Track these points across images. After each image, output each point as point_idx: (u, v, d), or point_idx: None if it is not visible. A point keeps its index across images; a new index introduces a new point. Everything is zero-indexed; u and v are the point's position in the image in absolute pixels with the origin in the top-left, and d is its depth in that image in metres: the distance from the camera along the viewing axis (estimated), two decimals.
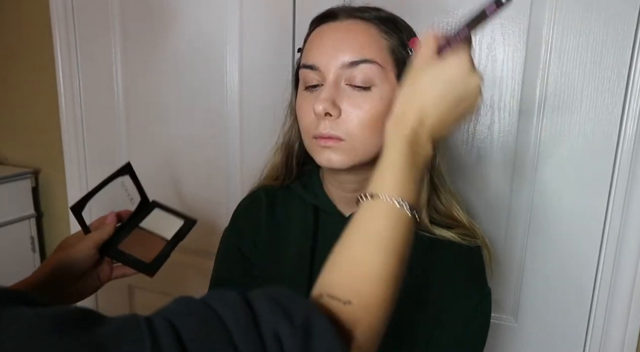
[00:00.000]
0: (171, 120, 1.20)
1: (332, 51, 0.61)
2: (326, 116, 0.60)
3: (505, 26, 0.88)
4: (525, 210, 0.94)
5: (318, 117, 0.61)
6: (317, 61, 0.62)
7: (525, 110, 0.90)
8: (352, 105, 0.61)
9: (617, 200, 0.88)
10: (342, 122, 0.61)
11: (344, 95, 0.61)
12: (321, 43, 0.63)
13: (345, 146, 0.61)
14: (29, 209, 1.44)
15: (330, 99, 0.60)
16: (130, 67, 1.23)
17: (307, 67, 0.63)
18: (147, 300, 1.34)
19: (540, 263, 0.94)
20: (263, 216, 0.74)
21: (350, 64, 0.60)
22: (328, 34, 0.63)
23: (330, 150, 0.62)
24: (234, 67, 1.11)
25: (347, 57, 0.60)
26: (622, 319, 0.91)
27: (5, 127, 1.50)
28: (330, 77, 0.61)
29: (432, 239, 0.67)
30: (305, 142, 0.66)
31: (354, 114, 0.61)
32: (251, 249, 0.74)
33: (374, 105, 0.61)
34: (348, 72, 0.61)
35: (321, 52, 0.62)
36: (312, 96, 0.63)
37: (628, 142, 0.85)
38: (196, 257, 1.23)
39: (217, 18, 1.10)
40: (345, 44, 0.61)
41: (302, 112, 0.64)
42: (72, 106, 1.32)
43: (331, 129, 0.60)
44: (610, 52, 0.83)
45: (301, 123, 0.65)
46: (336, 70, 0.61)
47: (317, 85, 0.63)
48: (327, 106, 0.59)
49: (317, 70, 0.62)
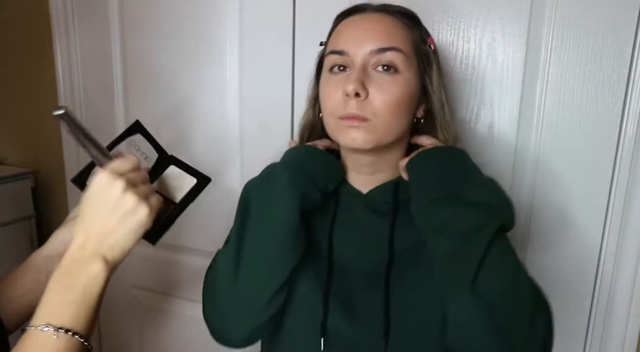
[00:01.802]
0: (171, 124, 1.21)
1: (361, 38, 0.65)
2: (355, 97, 0.63)
3: (505, 26, 0.88)
4: (525, 210, 0.93)
5: (347, 98, 0.64)
6: (345, 47, 0.65)
7: (525, 111, 0.90)
8: (379, 88, 0.64)
9: (617, 200, 0.88)
10: (369, 103, 0.64)
11: (372, 79, 0.64)
12: (350, 31, 0.67)
13: (369, 126, 0.64)
14: (29, 209, 1.44)
15: (360, 80, 0.63)
16: (130, 68, 1.23)
17: (336, 52, 0.66)
18: (148, 300, 1.34)
19: (540, 263, 0.94)
20: None
21: (378, 50, 0.64)
22: (356, 24, 0.68)
23: (356, 129, 0.64)
24: (234, 67, 1.11)
25: (375, 44, 0.64)
26: (622, 319, 0.91)
27: (5, 127, 1.50)
28: (359, 61, 0.65)
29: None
30: (330, 124, 0.68)
31: (380, 96, 0.64)
32: None
33: (399, 89, 0.65)
34: (375, 58, 0.64)
35: (350, 38, 0.66)
36: (338, 79, 0.66)
37: (628, 142, 0.85)
38: (197, 257, 1.23)
39: (217, 18, 1.10)
40: (373, 33, 0.65)
41: (327, 95, 0.67)
42: (72, 106, 1.32)
43: (357, 109, 0.63)
44: (610, 52, 0.83)
45: (326, 106, 0.68)
46: (364, 55, 0.64)
47: (344, 69, 0.66)
48: (358, 86, 0.62)
49: (345, 55, 0.65)
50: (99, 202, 0.56)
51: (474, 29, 0.90)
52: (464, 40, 0.91)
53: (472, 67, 0.91)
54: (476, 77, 0.91)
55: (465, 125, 0.94)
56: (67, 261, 0.55)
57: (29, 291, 0.70)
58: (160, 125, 1.22)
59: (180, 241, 1.25)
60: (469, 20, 0.90)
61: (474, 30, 0.90)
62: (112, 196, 0.56)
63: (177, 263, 1.28)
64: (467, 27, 0.90)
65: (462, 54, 0.92)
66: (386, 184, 0.72)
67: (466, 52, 0.91)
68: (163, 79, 1.19)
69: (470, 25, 0.90)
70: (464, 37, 0.91)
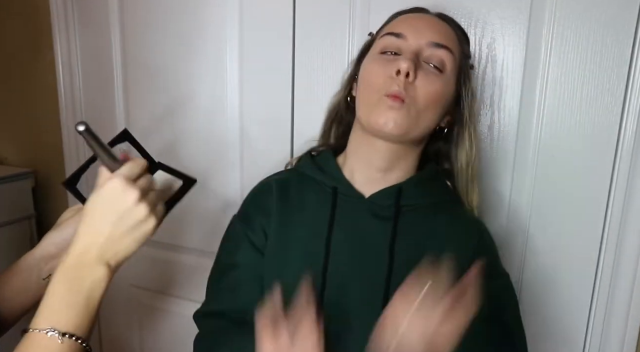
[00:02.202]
0: (171, 124, 1.20)
1: (421, 28, 0.68)
2: (406, 77, 0.64)
3: (505, 26, 0.88)
4: (525, 210, 0.94)
5: (395, 77, 0.65)
6: (405, 31, 0.68)
7: (525, 110, 0.90)
8: (425, 79, 0.66)
9: (617, 200, 0.88)
10: (413, 88, 0.65)
11: (421, 68, 0.66)
12: (411, 21, 0.70)
13: (406, 110, 0.65)
14: (29, 209, 1.44)
15: (414, 61, 0.65)
16: (130, 68, 1.23)
17: (394, 34, 0.68)
18: (148, 300, 1.34)
19: (540, 263, 0.94)
20: (274, 201, 0.75)
21: (435, 44, 0.67)
22: (418, 17, 0.71)
23: (394, 111, 0.65)
24: (234, 66, 1.11)
25: (434, 37, 0.67)
26: (622, 319, 0.91)
27: (5, 127, 1.50)
28: (414, 47, 0.67)
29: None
30: (369, 101, 0.68)
31: (425, 85, 0.66)
32: (258, 234, 0.75)
33: (442, 86, 0.67)
34: (429, 51, 0.67)
35: (412, 25, 0.69)
36: (388, 60, 0.67)
37: (628, 142, 0.85)
38: (197, 257, 1.23)
39: (217, 18, 1.10)
40: (434, 28, 0.69)
41: (375, 72, 0.68)
42: (72, 106, 1.32)
43: (403, 89, 0.64)
44: (610, 52, 0.83)
45: (370, 84, 0.68)
46: (421, 44, 0.67)
47: (396, 53, 0.68)
48: (411, 65, 0.64)
49: (403, 39, 0.68)
50: (111, 208, 0.55)
51: (474, 29, 0.90)
52: None
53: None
54: (476, 77, 0.91)
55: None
56: (70, 264, 0.55)
57: (16, 294, 0.70)
58: (160, 125, 1.22)
59: (179, 240, 1.25)
60: (469, 20, 0.90)
61: (474, 30, 0.90)
62: (125, 203, 0.55)
63: (177, 263, 1.28)
64: (467, 27, 0.90)
65: None
66: (390, 188, 0.71)
67: None
68: (163, 79, 1.19)
69: (470, 25, 0.90)
70: None
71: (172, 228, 1.23)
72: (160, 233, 0.66)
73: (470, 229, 0.75)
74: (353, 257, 0.69)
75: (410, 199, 0.71)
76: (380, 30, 0.74)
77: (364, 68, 0.71)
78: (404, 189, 0.71)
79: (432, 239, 0.71)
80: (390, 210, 0.70)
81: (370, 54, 0.71)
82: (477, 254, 0.70)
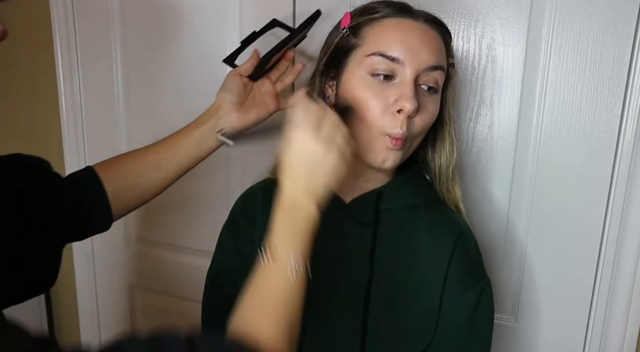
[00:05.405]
0: (172, 122, 1.20)
1: (419, 50, 0.61)
2: (408, 117, 0.60)
3: (505, 26, 0.88)
4: (525, 210, 0.94)
5: (397, 114, 0.60)
6: (402, 55, 0.61)
7: (525, 110, 0.90)
8: (423, 108, 0.62)
9: (617, 200, 0.88)
10: (412, 123, 0.61)
11: (418, 96, 0.61)
12: (407, 39, 0.62)
13: (405, 147, 0.62)
14: None
15: (416, 97, 0.60)
16: (130, 67, 1.23)
17: (388, 57, 0.61)
18: (148, 300, 1.34)
19: (540, 263, 0.95)
20: (259, 210, 0.75)
21: (432, 67, 0.62)
22: (413, 31, 0.62)
23: (395, 152, 0.62)
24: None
25: (432, 60, 0.62)
26: (622, 319, 0.91)
27: (5, 127, 1.50)
28: (412, 74, 0.61)
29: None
30: (365, 137, 0.63)
31: (422, 116, 0.62)
32: (246, 243, 0.75)
33: (435, 108, 0.64)
34: (425, 75, 0.62)
35: (408, 47, 0.61)
36: (381, 87, 0.62)
37: (628, 142, 0.85)
38: (197, 257, 1.23)
39: (217, 18, 1.10)
40: (430, 47, 0.62)
41: (370, 105, 0.62)
42: (72, 106, 1.32)
43: (407, 129, 0.61)
44: (610, 52, 0.83)
45: (365, 116, 0.62)
46: (419, 70, 0.61)
47: (390, 77, 0.62)
48: (416, 105, 0.59)
49: (399, 63, 0.61)
50: (305, 163, 0.56)
51: (473, 29, 0.90)
52: (463, 40, 0.91)
53: (472, 67, 0.91)
54: (476, 77, 0.91)
55: (465, 125, 0.94)
56: (286, 198, 0.56)
57: (196, 145, 0.87)
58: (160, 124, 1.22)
59: (180, 241, 1.25)
60: (468, 20, 0.90)
61: (473, 30, 0.90)
62: (315, 155, 0.55)
63: (177, 263, 1.27)
64: (467, 27, 0.90)
65: (462, 54, 0.92)
66: (369, 193, 0.69)
67: (466, 52, 0.91)
68: (163, 78, 1.19)
69: (470, 25, 0.90)
70: (463, 37, 0.91)
71: (173, 228, 1.23)
72: (161, 233, 0.66)
73: (449, 229, 0.71)
74: (334, 263, 0.68)
75: (390, 202, 0.69)
76: (362, 23, 0.65)
77: (355, 89, 0.63)
78: (383, 193, 0.69)
79: (410, 243, 0.69)
80: (371, 215, 0.68)
81: (357, 71, 0.63)
82: (454, 257, 0.68)
